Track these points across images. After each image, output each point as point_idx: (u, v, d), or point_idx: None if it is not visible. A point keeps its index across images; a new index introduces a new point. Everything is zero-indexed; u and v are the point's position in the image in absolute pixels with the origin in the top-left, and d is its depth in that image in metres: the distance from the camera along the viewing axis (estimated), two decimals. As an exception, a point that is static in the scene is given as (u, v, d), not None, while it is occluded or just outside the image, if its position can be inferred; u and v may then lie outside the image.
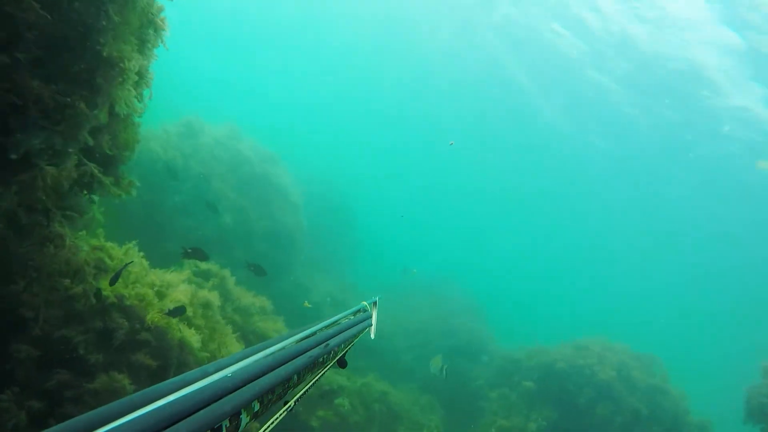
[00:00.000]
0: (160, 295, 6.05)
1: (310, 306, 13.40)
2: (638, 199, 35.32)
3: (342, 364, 1.75)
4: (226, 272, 10.67)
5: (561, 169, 38.10)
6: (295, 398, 1.34)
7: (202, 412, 0.81)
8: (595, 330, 16.58)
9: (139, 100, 4.99)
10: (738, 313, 38.84)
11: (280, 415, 1.22)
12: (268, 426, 1.12)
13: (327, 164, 37.21)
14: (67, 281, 4.75)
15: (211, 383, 0.90)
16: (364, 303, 2.29)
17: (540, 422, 13.35)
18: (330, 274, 20.60)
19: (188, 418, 0.77)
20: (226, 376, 0.95)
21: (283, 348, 1.26)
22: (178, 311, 5.93)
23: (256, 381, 1.02)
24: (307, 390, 1.44)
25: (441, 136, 41.86)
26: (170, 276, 6.64)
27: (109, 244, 5.80)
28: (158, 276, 6.36)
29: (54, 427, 0.66)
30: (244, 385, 0.97)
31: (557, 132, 32.15)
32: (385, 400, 12.80)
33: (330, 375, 11.12)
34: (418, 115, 42.32)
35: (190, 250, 8.41)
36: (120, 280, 5.26)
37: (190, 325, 6.20)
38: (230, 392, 0.92)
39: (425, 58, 32.83)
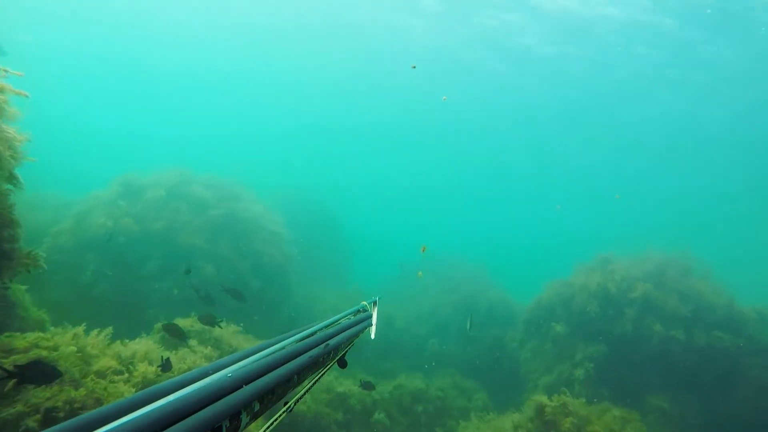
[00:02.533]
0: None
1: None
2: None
3: (342, 364, 1.76)
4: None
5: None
6: (296, 398, 1.35)
7: (202, 412, 0.82)
8: (608, 246, 15.00)
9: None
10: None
11: (280, 415, 1.22)
12: (268, 426, 1.13)
13: (302, 178, 37.71)
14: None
15: (211, 383, 0.91)
16: (364, 303, 2.29)
17: (587, 365, 12.14)
18: (329, 284, 20.45)
19: (188, 418, 0.78)
20: (226, 376, 0.96)
21: (283, 348, 1.27)
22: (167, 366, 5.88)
23: (256, 381, 1.02)
24: (307, 390, 1.45)
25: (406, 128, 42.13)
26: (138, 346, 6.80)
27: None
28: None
29: (54, 427, 0.66)
30: (244, 385, 0.98)
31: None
32: (425, 396, 12.44)
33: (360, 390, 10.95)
34: (381, 109, 43.22)
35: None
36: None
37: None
38: (230, 392, 0.93)
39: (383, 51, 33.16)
